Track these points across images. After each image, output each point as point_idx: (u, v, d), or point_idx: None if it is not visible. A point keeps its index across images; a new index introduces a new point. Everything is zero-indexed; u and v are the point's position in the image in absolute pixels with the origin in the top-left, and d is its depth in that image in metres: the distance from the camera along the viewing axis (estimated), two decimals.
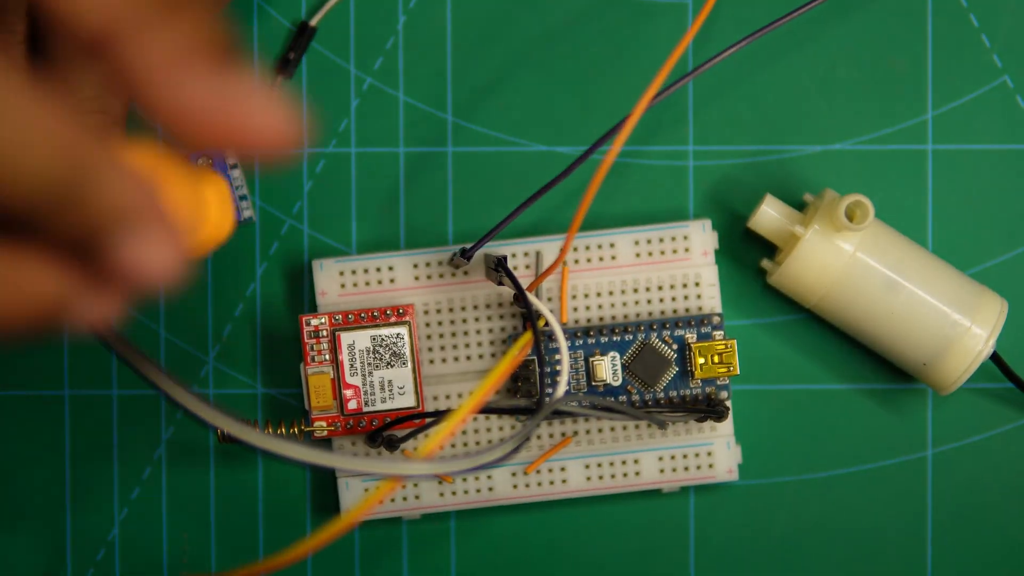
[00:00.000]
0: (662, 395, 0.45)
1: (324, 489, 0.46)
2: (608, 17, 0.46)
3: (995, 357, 0.44)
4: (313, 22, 0.46)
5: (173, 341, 0.46)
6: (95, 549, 0.47)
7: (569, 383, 0.44)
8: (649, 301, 0.45)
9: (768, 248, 0.46)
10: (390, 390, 0.44)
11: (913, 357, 0.44)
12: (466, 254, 0.43)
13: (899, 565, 0.47)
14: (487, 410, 0.43)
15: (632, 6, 0.46)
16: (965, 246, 0.46)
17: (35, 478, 0.47)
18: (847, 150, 0.46)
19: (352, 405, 0.44)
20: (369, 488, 0.45)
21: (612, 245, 0.45)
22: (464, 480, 0.45)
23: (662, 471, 0.45)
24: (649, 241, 0.45)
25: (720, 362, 0.44)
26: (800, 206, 0.45)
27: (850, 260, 0.43)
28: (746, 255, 0.47)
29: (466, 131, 0.46)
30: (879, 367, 0.47)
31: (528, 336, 0.42)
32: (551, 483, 0.45)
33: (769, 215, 0.45)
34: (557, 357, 0.44)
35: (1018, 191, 0.47)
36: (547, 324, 0.42)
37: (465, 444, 0.45)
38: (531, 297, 0.42)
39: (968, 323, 0.44)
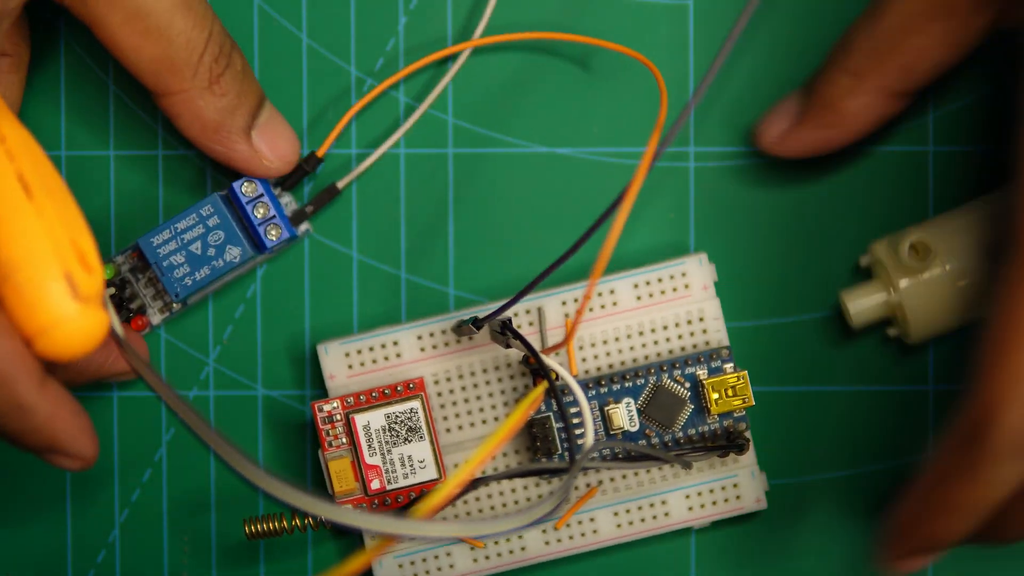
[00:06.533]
0: (681, 434, 0.45)
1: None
2: (608, 17, 0.46)
3: None
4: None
5: (173, 343, 0.46)
6: (95, 551, 0.47)
7: (595, 433, 0.44)
8: (656, 342, 0.45)
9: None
10: (411, 465, 0.44)
11: None
12: (477, 324, 0.43)
13: None
14: (517, 474, 0.43)
15: (632, 6, 0.46)
16: None
17: (36, 479, 0.47)
18: (848, 151, 0.46)
19: (375, 485, 0.44)
20: (403, 565, 0.45)
21: (612, 292, 0.45)
22: (496, 543, 0.45)
23: (691, 509, 0.45)
24: (648, 283, 0.45)
25: (735, 395, 0.44)
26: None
27: (946, 279, 0.44)
28: (746, 255, 0.47)
29: (467, 132, 0.46)
30: (882, 369, 0.46)
31: (539, 389, 0.42)
32: (582, 535, 0.45)
33: (862, 305, 0.45)
34: (574, 410, 0.44)
35: None
36: (559, 378, 0.42)
37: (492, 508, 0.45)
38: (543, 357, 0.42)
39: None
